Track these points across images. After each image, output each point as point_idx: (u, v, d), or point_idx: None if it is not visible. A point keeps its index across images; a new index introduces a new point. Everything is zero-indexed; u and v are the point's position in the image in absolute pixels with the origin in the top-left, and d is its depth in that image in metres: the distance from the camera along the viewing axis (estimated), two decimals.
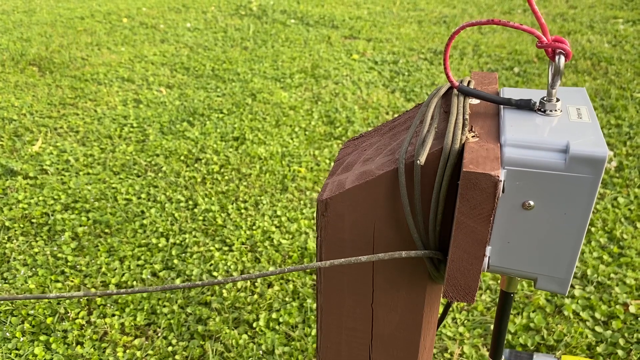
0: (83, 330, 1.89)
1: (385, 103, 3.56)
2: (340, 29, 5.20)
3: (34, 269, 2.17)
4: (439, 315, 1.13)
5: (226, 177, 2.76)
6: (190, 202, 2.56)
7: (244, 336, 1.85)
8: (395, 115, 3.39)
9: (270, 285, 2.07)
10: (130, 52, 4.65)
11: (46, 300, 2.02)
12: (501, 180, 0.58)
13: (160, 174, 2.80)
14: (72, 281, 2.10)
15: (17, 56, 4.49)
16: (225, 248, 2.26)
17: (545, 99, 0.65)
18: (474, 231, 0.60)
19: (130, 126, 3.33)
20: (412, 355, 0.80)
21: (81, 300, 2.01)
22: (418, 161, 0.61)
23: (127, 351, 1.82)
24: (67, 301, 2.00)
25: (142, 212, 2.50)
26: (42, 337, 1.86)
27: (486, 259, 0.64)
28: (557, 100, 0.65)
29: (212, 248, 2.25)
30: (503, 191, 0.60)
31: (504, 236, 0.64)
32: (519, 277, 0.69)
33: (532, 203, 0.61)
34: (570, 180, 0.59)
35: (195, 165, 2.88)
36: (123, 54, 4.61)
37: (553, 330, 1.83)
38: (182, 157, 2.95)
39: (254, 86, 3.86)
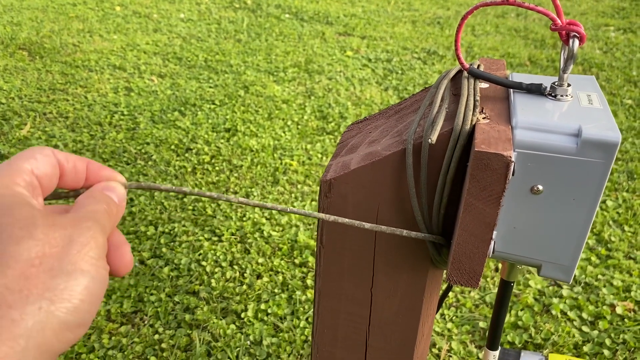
0: None
1: (378, 100, 3.56)
2: (334, 26, 5.19)
3: None
4: None
5: (217, 168, 2.74)
6: None
7: (232, 326, 1.83)
8: None
9: (259, 277, 2.06)
10: (123, 40, 4.60)
11: None
12: (513, 162, 0.57)
13: (150, 163, 2.77)
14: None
15: (7, 40, 4.43)
16: (215, 238, 2.24)
17: (556, 83, 0.64)
18: (482, 213, 0.59)
19: (121, 114, 3.29)
20: (410, 342, 0.79)
21: None
22: (430, 140, 0.60)
23: (113, 338, 1.79)
24: None
25: (131, 199, 2.47)
26: None
27: (492, 244, 0.64)
28: (569, 85, 0.64)
29: (201, 238, 2.23)
30: (513, 174, 0.60)
31: (510, 221, 0.63)
32: (523, 264, 0.68)
33: (540, 187, 0.60)
34: (581, 164, 0.58)
35: (186, 155, 2.85)
36: (115, 41, 4.56)
37: (541, 328, 1.83)
38: (172, 147, 2.92)
39: (246, 78, 3.84)
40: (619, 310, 1.90)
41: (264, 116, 3.29)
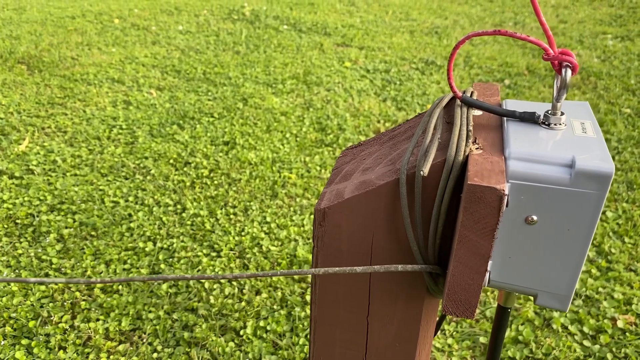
0: (66, 335, 1.85)
1: (376, 111, 3.56)
2: (332, 37, 5.20)
3: (17, 271, 2.12)
4: None
5: (215, 182, 2.73)
6: (179, 206, 2.53)
7: (231, 344, 1.82)
8: (386, 124, 3.39)
9: (258, 293, 2.05)
10: (121, 53, 4.61)
11: (29, 302, 1.97)
12: (506, 195, 0.57)
13: (148, 177, 2.77)
14: (56, 284, 2.06)
15: (6, 54, 4.44)
16: (214, 254, 2.23)
17: (550, 112, 0.64)
18: (476, 245, 0.59)
19: (120, 128, 3.29)
20: None
21: (65, 303, 1.97)
22: (421, 172, 0.59)
23: (111, 357, 1.78)
24: (51, 304, 1.96)
25: (130, 215, 2.46)
26: (24, 341, 1.82)
27: (487, 274, 0.63)
28: (562, 113, 0.64)
29: (199, 253, 2.23)
30: (507, 205, 0.59)
31: (506, 251, 0.63)
32: (519, 293, 0.67)
33: (535, 218, 0.60)
34: (575, 195, 0.58)
35: (185, 169, 2.85)
36: (114, 54, 4.57)
37: (542, 343, 1.82)
38: (171, 161, 2.91)
39: (245, 91, 3.85)
40: (620, 323, 1.89)
41: (262, 129, 3.29)
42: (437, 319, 0.88)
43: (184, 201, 2.56)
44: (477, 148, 0.61)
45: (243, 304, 1.98)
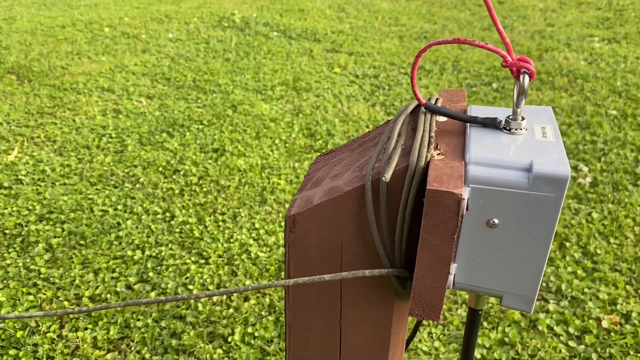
0: (54, 345, 1.86)
1: (365, 117, 3.58)
2: (322, 43, 5.23)
3: (5, 281, 2.12)
4: (408, 333, 1.12)
5: (204, 189, 2.74)
6: (168, 214, 2.54)
7: (219, 350, 1.83)
8: None
9: (246, 299, 2.06)
10: (111, 61, 4.62)
11: (17, 313, 1.97)
12: (464, 199, 0.58)
13: (137, 185, 2.77)
14: (44, 294, 2.06)
15: None
16: (202, 261, 2.24)
17: (510, 117, 0.65)
18: (438, 249, 0.60)
19: (109, 136, 3.30)
20: None
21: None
22: (383, 178, 0.61)
23: None
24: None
25: (118, 223, 2.47)
26: (12, 352, 1.82)
27: (451, 277, 0.65)
28: (523, 118, 0.66)
29: (188, 261, 2.23)
30: (467, 209, 0.61)
31: (469, 254, 0.64)
32: (485, 295, 0.69)
33: (496, 221, 0.61)
34: (534, 198, 0.59)
35: (174, 176, 2.86)
36: (104, 63, 4.58)
37: (527, 345, 1.84)
38: (160, 168, 2.92)
39: (235, 98, 3.86)
40: (605, 324, 1.90)
41: (251, 135, 3.31)
42: (415, 324, 0.89)
43: (173, 209, 2.56)
44: (439, 154, 0.62)
45: (231, 310, 1.99)
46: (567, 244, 2.30)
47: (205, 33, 5.52)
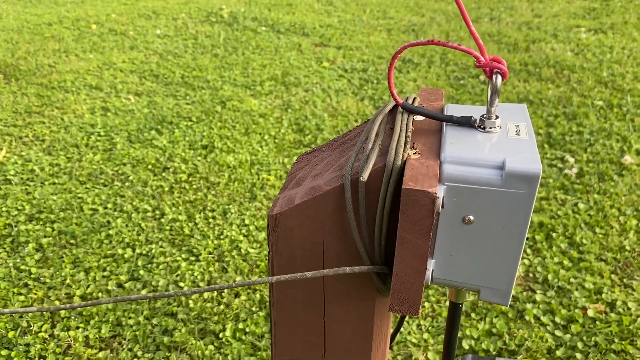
0: (46, 344, 1.86)
1: (354, 111, 3.59)
2: (310, 37, 5.23)
3: None
4: (392, 327, 1.14)
5: (194, 186, 2.75)
6: (157, 212, 2.54)
7: (210, 347, 1.84)
8: None
9: (237, 295, 2.07)
10: (99, 59, 4.60)
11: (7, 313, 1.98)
12: (439, 197, 0.60)
13: (127, 183, 2.77)
14: (35, 294, 2.07)
15: None
16: (192, 258, 2.25)
17: (485, 116, 0.67)
18: (415, 246, 0.62)
19: (98, 135, 3.29)
20: None
21: (44, 313, 1.98)
22: (361, 178, 0.62)
23: None
24: (30, 314, 1.97)
25: (108, 222, 2.47)
26: (4, 352, 1.83)
27: (429, 272, 0.66)
28: (497, 117, 0.67)
29: (178, 258, 2.24)
30: (443, 207, 0.62)
31: (447, 250, 0.66)
32: (463, 289, 0.71)
33: (472, 218, 0.63)
34: (507, 195, 0.61)
35: (163, 174, 2.86)
36: (91, 61, 4.56)
37: (515, 335, 1.87)
38: (149, 166, 2.92)
39: (223, 94, 3.86)
40: (590, 312, 1.94)
41: (241, 131, 3.31)
42: (399, 319, 0.91)
43: (163, 206, 2.57)
44: (415, 153, 0.64)
45: (222, 307, 2.01)
46: (554, 235, 2.33)
47: (193, 29, 5.50)
